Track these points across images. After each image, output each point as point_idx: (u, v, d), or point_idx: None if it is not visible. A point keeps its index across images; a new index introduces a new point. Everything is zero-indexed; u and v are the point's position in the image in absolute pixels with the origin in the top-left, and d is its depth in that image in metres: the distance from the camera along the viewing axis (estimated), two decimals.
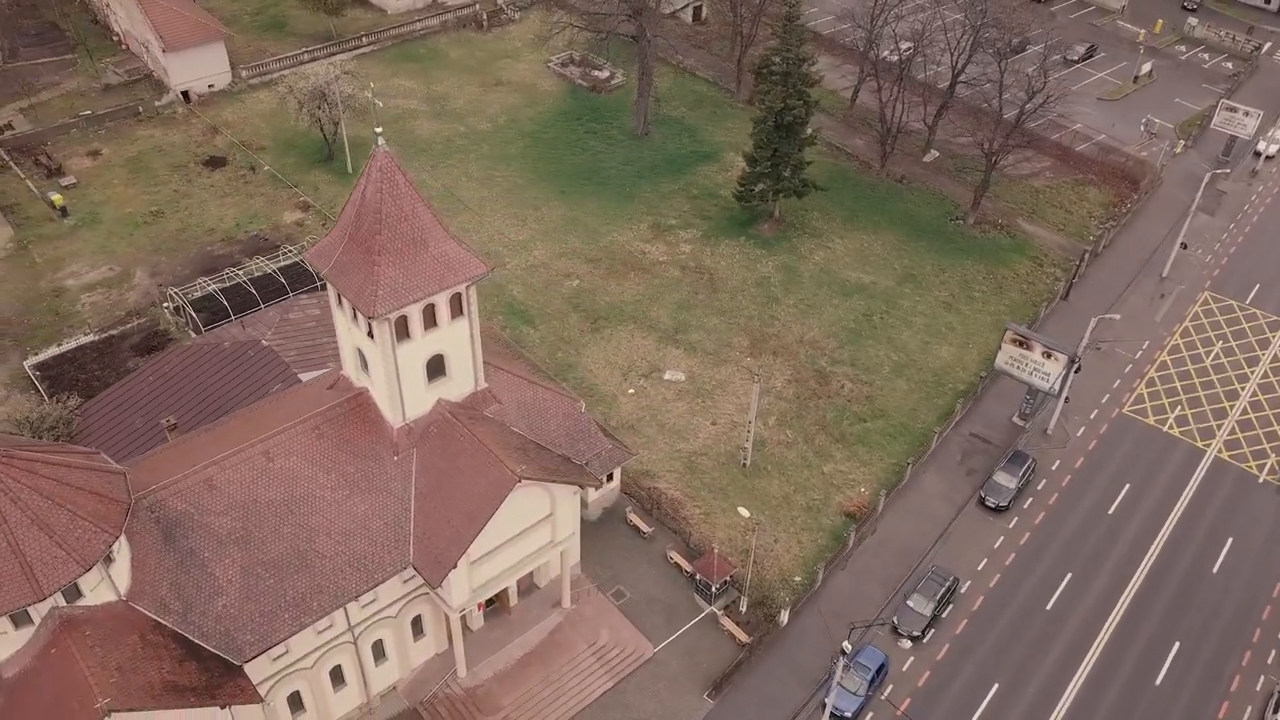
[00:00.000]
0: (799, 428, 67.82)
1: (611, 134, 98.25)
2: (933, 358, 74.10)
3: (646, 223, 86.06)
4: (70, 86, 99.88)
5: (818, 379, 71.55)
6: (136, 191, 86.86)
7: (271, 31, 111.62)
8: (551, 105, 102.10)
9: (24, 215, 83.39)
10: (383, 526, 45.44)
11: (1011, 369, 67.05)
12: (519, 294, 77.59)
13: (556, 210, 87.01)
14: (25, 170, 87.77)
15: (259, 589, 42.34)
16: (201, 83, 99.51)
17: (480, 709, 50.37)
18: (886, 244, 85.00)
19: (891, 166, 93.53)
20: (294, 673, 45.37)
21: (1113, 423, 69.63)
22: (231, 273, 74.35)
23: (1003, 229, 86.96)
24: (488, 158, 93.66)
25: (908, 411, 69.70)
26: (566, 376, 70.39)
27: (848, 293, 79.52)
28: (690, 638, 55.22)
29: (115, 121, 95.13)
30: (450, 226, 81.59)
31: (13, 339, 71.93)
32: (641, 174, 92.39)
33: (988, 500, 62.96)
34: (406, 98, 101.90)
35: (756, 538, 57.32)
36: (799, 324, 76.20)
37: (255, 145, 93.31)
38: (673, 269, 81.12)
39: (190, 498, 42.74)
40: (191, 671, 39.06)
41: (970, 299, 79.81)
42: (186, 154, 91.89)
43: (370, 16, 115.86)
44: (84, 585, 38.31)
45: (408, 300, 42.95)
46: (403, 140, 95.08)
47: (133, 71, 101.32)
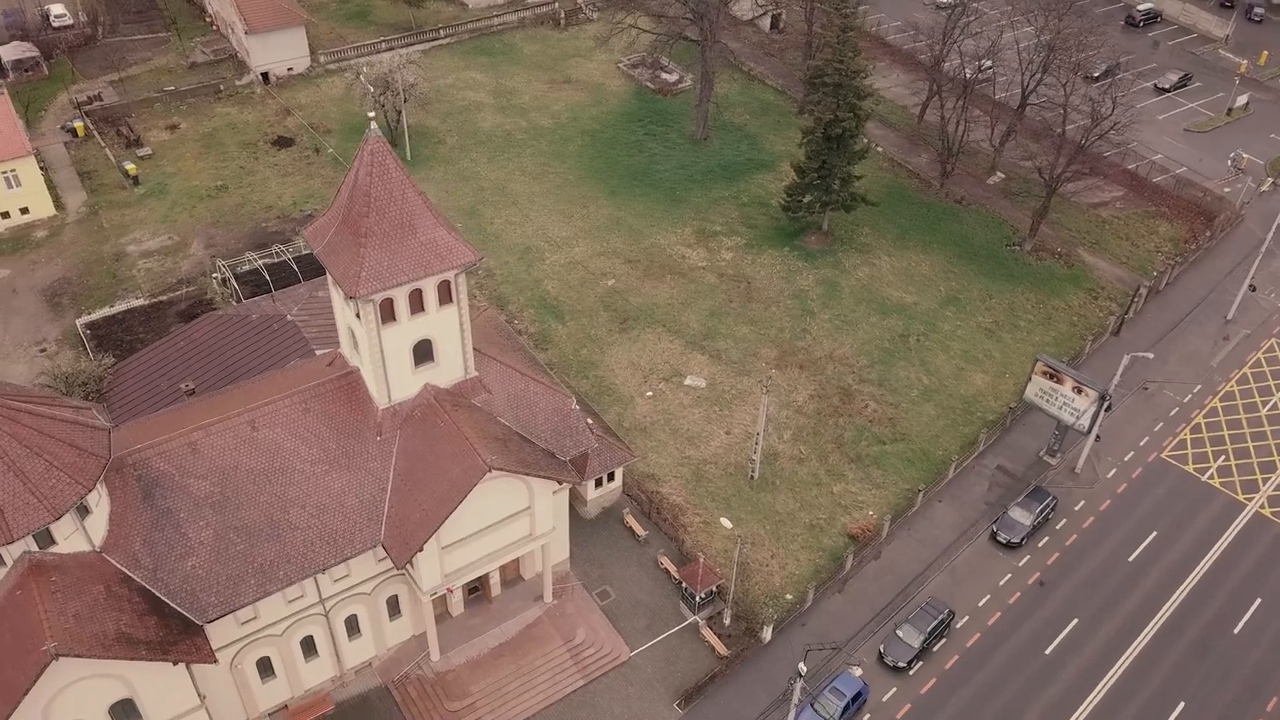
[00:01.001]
0: (814, 444, 66.53)
1: (670, 137, 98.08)
2: (965, 384, 71.82)
3: (691, 227, 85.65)
4: (160, 63, 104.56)
5: (841, 396, 70.07)
6: (205, 165, 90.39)
7: (355, 20, 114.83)
8: (615, 105, 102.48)
9: (99, 182, 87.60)
10: (357, 504, 46.25)
11: (1041, 402, 64.56)
12: (553, 289, 78.08)
13: (603, 209, 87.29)
14: (107, 140, 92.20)
15: (229, 553, 43.54)
16: (281, 65, 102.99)
17: (447, 694, 50.83)
18: (935, 265, 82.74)
19: (951, 186, 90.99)
20: (263, 639, 46.53)
21: (1148, 467, 66.33)
22: (278, 249, 76.68)
23: (1060, 258, 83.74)
24: (544, 154, 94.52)
25: (931, 437, 67.69)
26: (587, 374, 70.62)
27: (886, 311, 77.68)
28: (670, 645, 54.70)
29: (196, 98, 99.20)
30: (494, 219, 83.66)
31: (71, 297, 75.63)
32: (694, 178, 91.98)
33: (999, 535, 60.73)
34: (475, 90, 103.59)
35: (740, 550, 56.34)
36: (831, 340, 74.77)
37: (323, 128, 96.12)
38: (710, 275, 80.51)
39: (173, 459, 44.22)
40: (150, 626, 40.40)
41: (1015, 327, 77.08)
42: (257, 133, 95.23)
43: (451, 10, 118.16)
44: (57, 533, 39.97)
45: (391, 283, 43.66)
46: (464, 132, 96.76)
47: (219, 52, 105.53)
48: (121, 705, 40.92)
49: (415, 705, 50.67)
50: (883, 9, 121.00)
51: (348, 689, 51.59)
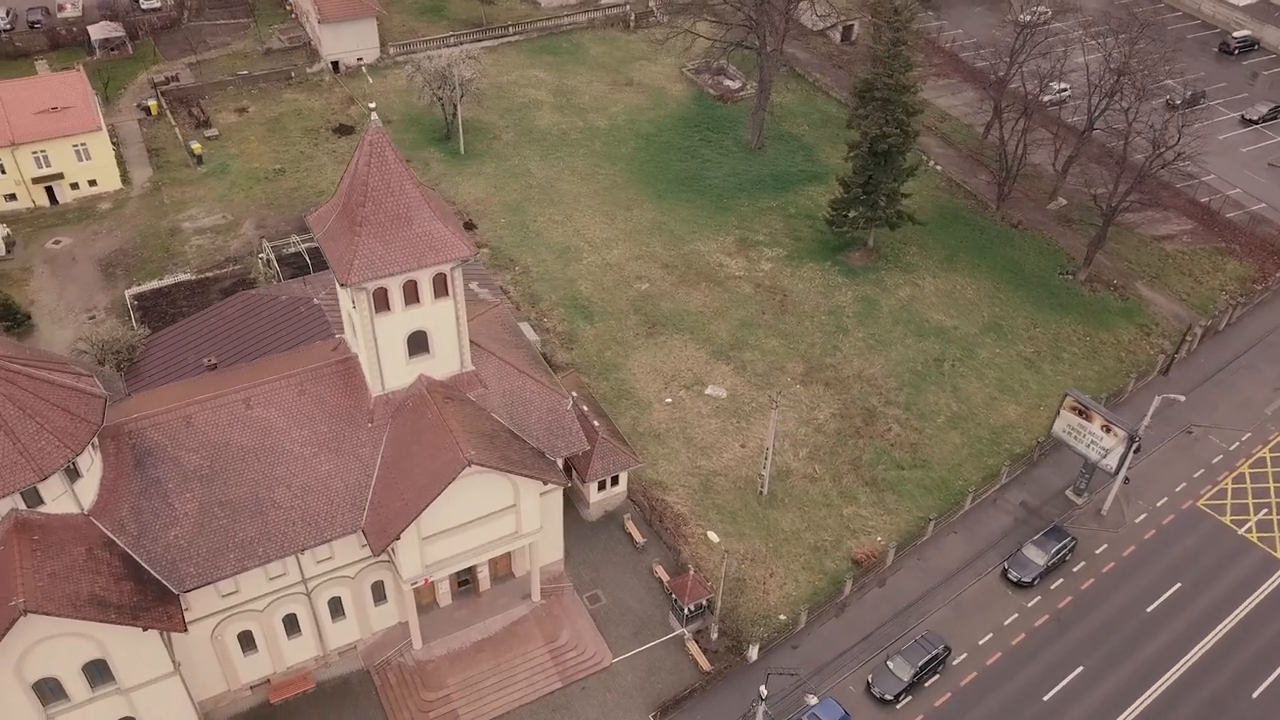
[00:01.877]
0: (829, 464, 65.14)
1: (725, 144, 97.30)
2: (996, 414, 69.47)
3: (734, 236, 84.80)
4: (238, 47, 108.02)
5: (864, 417, 68.47)
6: (267, 149, 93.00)
7: (428, 15, 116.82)
8: (674, 110, 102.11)
9: (166, 159, 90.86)
10: (342, 488, 46.88)
11: (1069, 438, 62.09)
12: (586, 290, 78.11)
13: (647, 213, 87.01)
14: (178, 119, 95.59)
15: (211, 526, 44.56)
16: (351, 55, 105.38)
17: (425, 683, 51.17)
18: (981, 289, 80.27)
19: (1008, 210, 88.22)
20: (244, 613, 47.50)
21: (1181, 514, 63.17)
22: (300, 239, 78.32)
23: (1116, 290, 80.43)
24: (597, 154, 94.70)
25: (952, 466, 65.67)
26: (609, 377, 70.45)
27: (924, 334, 75.64)
28: (653, 655, 54.12)
29: (268, 83, 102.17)
30: (537, 217, 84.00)
31: (124, 269, 78.57)
32: (743, 187, 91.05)
33: (1010, 573, 58.55)
34: (536, 88, 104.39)
35: (727, 566, 55.43)
36: (861, 359, 73.15)
37: (384, 118, 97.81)
38: (746, 285, 79.56)
39: (167, 431, 45.47)
40: (125, 591, 41.56)
41: (1057, 359, 74.28)
42: (321, 120, 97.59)
43: (523, 8, 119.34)
44: (45, 493, 41.42)
45: (383, 273, 44.15)
46: (520, 129, 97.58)
47: (294, 39, 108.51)
48: (95, 665, 42.24)
49: (393, 691, 51.14)
50: (962, 24, 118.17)
51: (331, 669, 52.34)
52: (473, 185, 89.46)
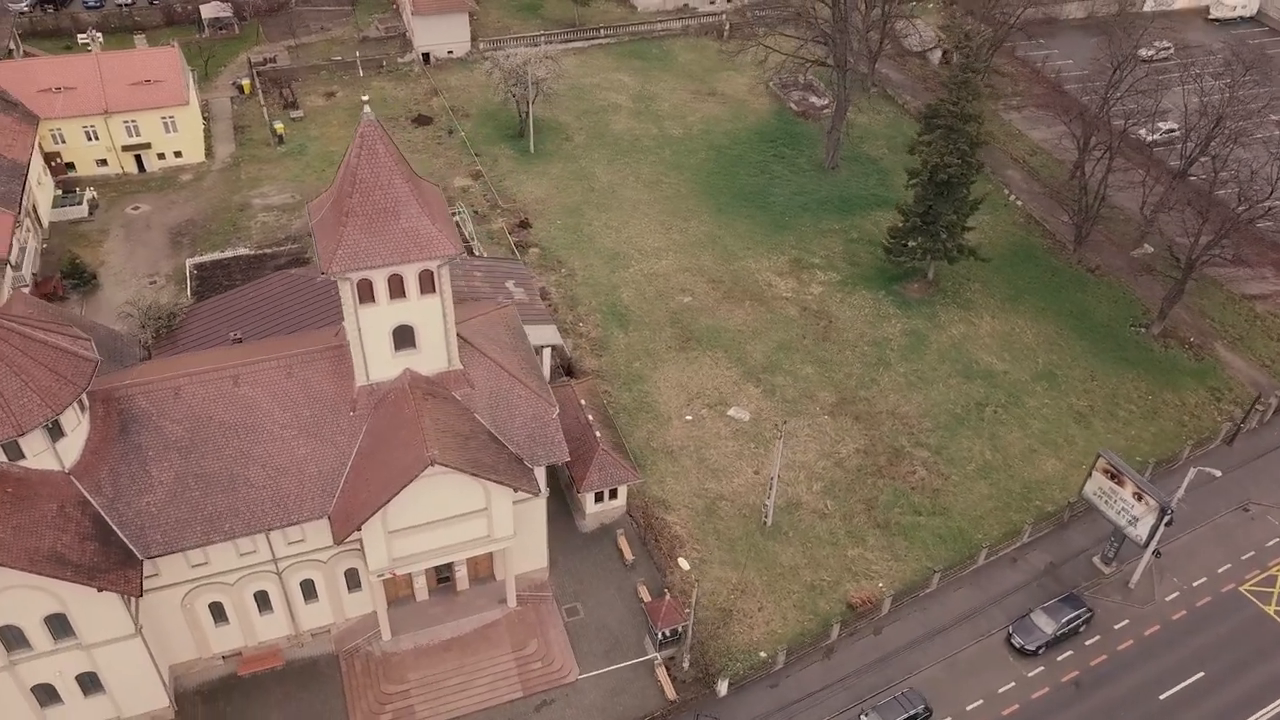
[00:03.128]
0: (843, 501, 62.64)
1: (798, 161, 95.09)
2: (1033, 468, 65.56)
3: (789, 256, 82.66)
4: (336, 34, 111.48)
5: (890, 456, 65.61)
6: (346, 133, 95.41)
7: (524, 13, 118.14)
8: (752, 123, 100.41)
9: (249, 137, 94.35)
10: (316, 473, 47.35)
11: (1099, 502, 58.05)
12: (627, 297, 77.34)
13: (704, 225, 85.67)
14: (269, 100, 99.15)
15: (183, 497, 45.61)
16: (442, 48, 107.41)
17: (387, 675, 51.30)
18: (1041, 334, 76.01)
19: (1087, 253, 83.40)
20: (214, 585, 48.48)
21: (1220, 598, 58.27)
22: None
23: (1191, 348, 74.98)
24: (665, 163, 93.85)
25: (974, 518, 62.27)
26: (632, 388, 69.52)
27: (970, 375, 72.07)
28: (621, 677, 52.92)
29: (359, 70, 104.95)
30: (593, 221, 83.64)
31: (192, 238, 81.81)
32: (808, 206, 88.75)
33: (1014, 638, 55.07)
34: (617, 92, 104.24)
35: (697, 595, 53.71)
36: (898, 395, 70.18)
37: (462, 112, 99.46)
38: (792, 307, 77.38)
39: (155, 400, 46.78)
40: (88, 551, 42.89)
41: (1111, 415, 69.66)
42: (402, 109, 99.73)
43: (619, 11, 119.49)
44: (26, 448, 43.06)
45: (365, 265, 44.38)
46: (594, 131, 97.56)
47: (391, 29, 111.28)
48: (57, 619, 43.72)
49: (357, 679, 51.44)
50: (1073, 55, 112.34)
51: (304, 650, 52.99)
52: (536, 184, 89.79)
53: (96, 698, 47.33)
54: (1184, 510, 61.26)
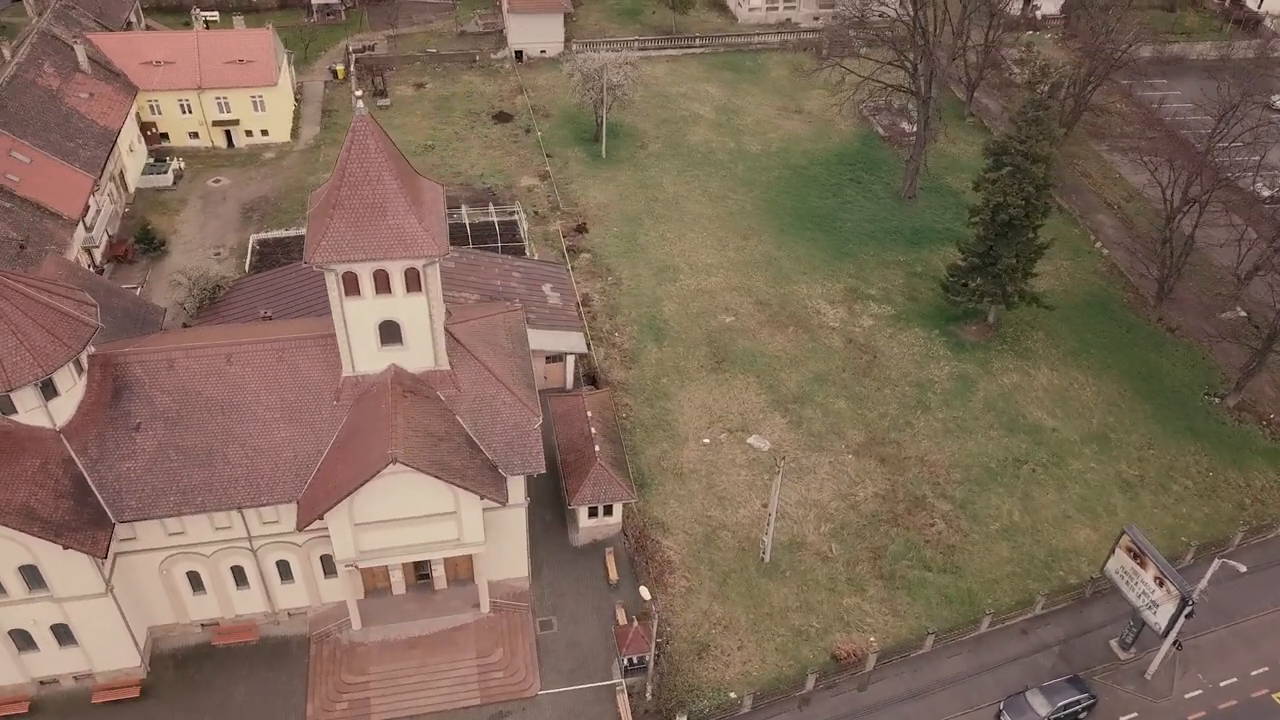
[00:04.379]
0: (850, 547, 59.89)
1: (875, 188, 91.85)
2: (1063, 536, 61.32)
3: (844, 284, 79.80)
4: (436, 27, 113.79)
5: (909, 505, 62.44)
6: (428, 125, 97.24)
7: (623, 17, 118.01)
8: (834, 145, 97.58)
9: (335, 121, 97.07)
10: (292, 458, 47.96)
11: (1120, 581, 53.85)
12: (668, 312, 76.06)
13: (762, 245, 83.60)
14: (362, 86, 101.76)
15: (162, 467, 46.85)
16: (535, 47, 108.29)
17: (349, 665, 51.60)
18: (1101, 393, 71.12)
19: (1169, 310, 77.68)
20: (190, 554, 49.67)
21: (1248, 703, 53.13)
22: None
23: (1269, 426, 68.88)
24: (736, 178, 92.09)
25: (987, 581, 58.61)
26: (655, 404, 68.27)
27: (1014, 429, 67.97)
28: (581, 698, 51.82)
29: (452, 63, 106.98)
30: (650, 231, 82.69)
31: (262, 215, 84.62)
32: (875, 235, 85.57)
33: (1004, 716, 51.49)
34: (701, 103, 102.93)
35: (658, 624, 51.91)
36: (931, 441, 66.76)
37: (543, 112, 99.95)
38: (837, 338, 74.63)
39: (150, 369, 48.23)
40: (62, 509, 44.44)
41: (1163, 489, 64.56)
42: (485, 105, 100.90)
43: (718, 21, 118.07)
44: (18, 404, 44.96)
45: (347, 258, 44.66)
46: (670, 141, 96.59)
47: (489, 25, 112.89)
48: (31, 570, 45.49)
49: (322, 665, 51.92)
50: (1194, 98, 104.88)
51: (280, 628, 53.83)
52: (601, 190, 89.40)
53: (70, 649, 49.12)
54: (1225, 602, 56.44)
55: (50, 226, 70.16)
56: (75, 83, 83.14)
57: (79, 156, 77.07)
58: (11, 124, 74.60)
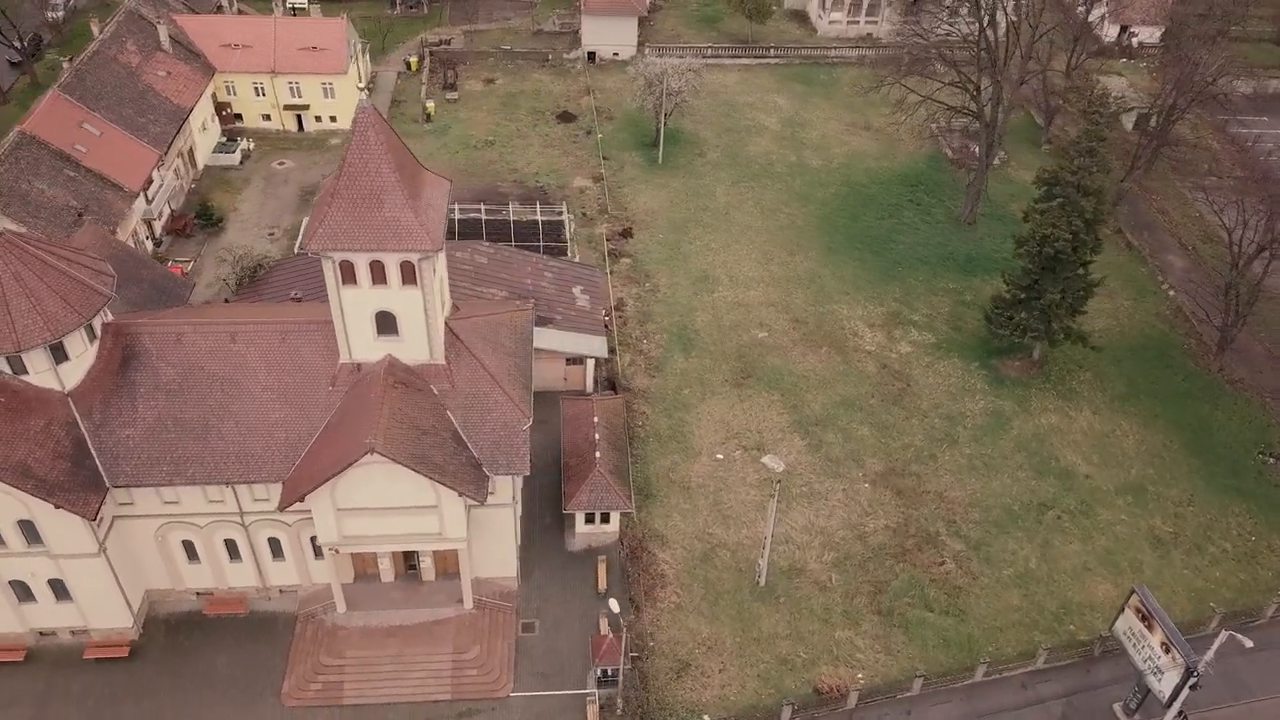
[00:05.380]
0: (851, 578, 58.13)
1: (934, 211, 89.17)
2: (1081, 589, 58.37)
3: (887, 308, 77.61)
4: (514, 24, 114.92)
5: (919, 541, 60.31)
6: (491, 121, 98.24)
7: (700, 24, 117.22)
8: (899, 164, 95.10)
9: (402, 112, 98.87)
10: (284, 439, 48.83)
11: (1127, 642, 50.93)
12: (700, 322, 75.16)
13: (808, 262, 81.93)
14: (431, 79, 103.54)
15: (159, 437, 48.21)
16: (607, 49, 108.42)
17: (327, 648, 52.27)
18: (1145, 442, 67.55)
19: (1231, 362, 73.33)
20: (185, 524, 51.04)
21: None
22: (482, 206, 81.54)
23: None
24: (791, 192, 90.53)
25: (991, 628, 56.17)
26: (672, 414, 67.53)
27: (1044, 472, 65.06)
28: (551, 704, 51.43)
29: (525, 60, 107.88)
30: (695, 240, 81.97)
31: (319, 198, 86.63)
32: (927, 260, 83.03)
33: None
34: (768, 114, 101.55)
35: (626, 639, 51.05)
36: (953, 477, 64.38)
37: (607, 115, 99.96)
38: (871, 363, 72.60)
39: (159, 341, 49.67)
40: (59, 470, 46.06)
41: (1197, 549, 60.92)
42: (550, 104, 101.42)
43: (797, 32, 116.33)
44: (28, 365, 46.81)
45: (343, 247, 45.19)
46: (729, 150, 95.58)
47: (566, 25, 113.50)
48: (29, 525, 47.31)
49: (304, 644, 52.72)
50: None
51: (270, 604, 54.89)
52: (652, 195, 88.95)
53: (66, 605, 50.94)
54: (1245, 677, 53.01)
55: (110, 197, 73.12)
56: (155, 61, 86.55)
57: (148, 132, 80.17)
58: (87, 97, 78.03)
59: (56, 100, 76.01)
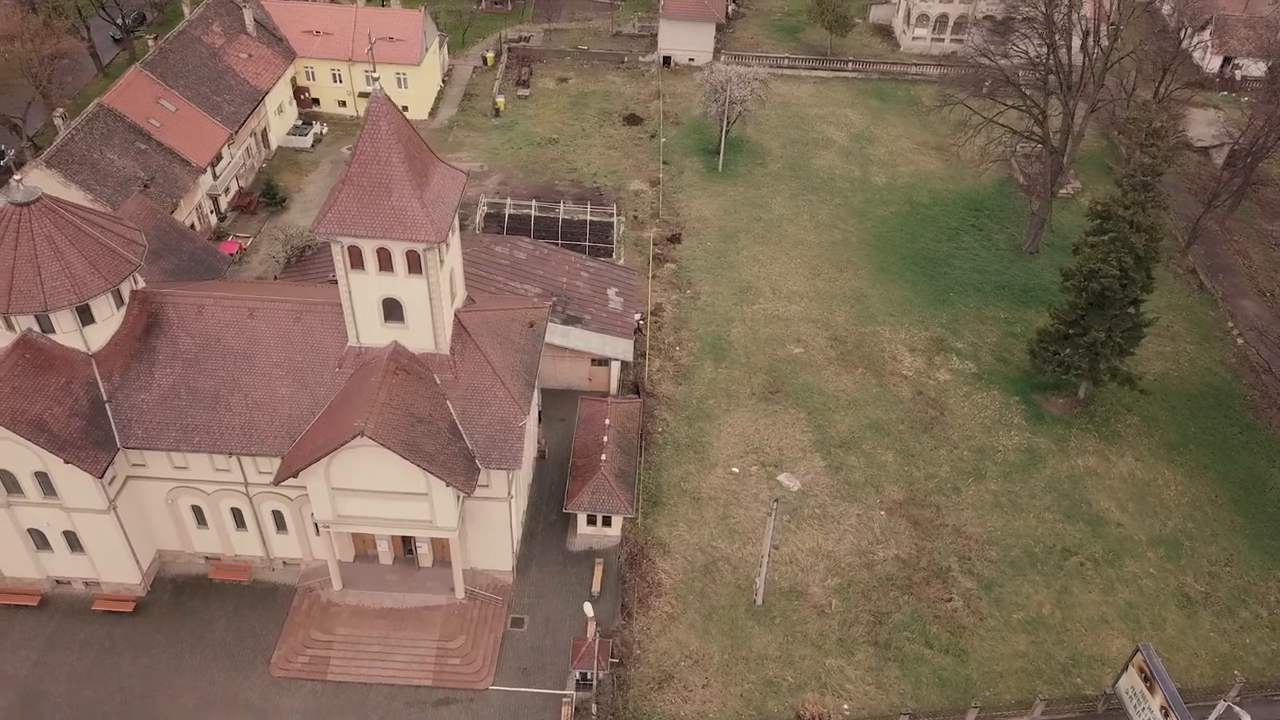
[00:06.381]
0: (851, 605, 56.72)
1: (996, 238, 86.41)
2: (1094, 642, 55.73)
3: (931, 333, 75.49)
4: (594, 25, 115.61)
5: (929, 575, 58.48)
6: (557, 119, 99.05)
7: (781, 33, 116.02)
8: (965, 187, 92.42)
9: (472, 105, 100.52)
10: (288, 415, 50.10)
11: (1128, 702, 48.65)
12: (736, 333, 74.37)
13: (856, 280, 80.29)
14: (505, 75, 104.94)
15: (171, 404, 49.99)
16: (683, 54, 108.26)
17: (319, 624, 53.34)
18: (1187, 495, 64.16)
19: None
20: (193, 489, 52.80)
21: None
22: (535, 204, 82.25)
23: None
24: (850, 208, 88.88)
25: (991, 673, 54.05)
26: (694, 424, 67.01)
27: (1074, 516, 62.38)
28: (527, 701, 51.50)
29: (600, 61, 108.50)
30: (743, 250, 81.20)
31: None
32: (981, 287, 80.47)
33: None
34: (837, 128, 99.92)
35: (598, 644, 50.48)
36: (974, 512, 62.27)
37: (673, 119, 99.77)
38: (906, 388, 70.73)
39: (181, 311, 51.53)
40: (73, 427, 48.13)
41: (1229, 612, 57.54)
42: (619, 106, 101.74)
43: (879, 47, 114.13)
44: (56, 324, 49.03)
45: (349, 233, 46.11)
46: (792, 162, 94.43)
47: (645, 28, 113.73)
48: (44, 477, 49.58)
49: (299, 617, 53.94)
50: None
51: (274, 575, 56.35)
52: (707, 203, 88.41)
53: (79, 557, 53.25)
54: None
55: (177, 171, 76.27)
56: (238, 43, 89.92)
57: (222, 111, 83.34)
58: (168, 75, 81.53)
59: (137, 76, 79.65)
